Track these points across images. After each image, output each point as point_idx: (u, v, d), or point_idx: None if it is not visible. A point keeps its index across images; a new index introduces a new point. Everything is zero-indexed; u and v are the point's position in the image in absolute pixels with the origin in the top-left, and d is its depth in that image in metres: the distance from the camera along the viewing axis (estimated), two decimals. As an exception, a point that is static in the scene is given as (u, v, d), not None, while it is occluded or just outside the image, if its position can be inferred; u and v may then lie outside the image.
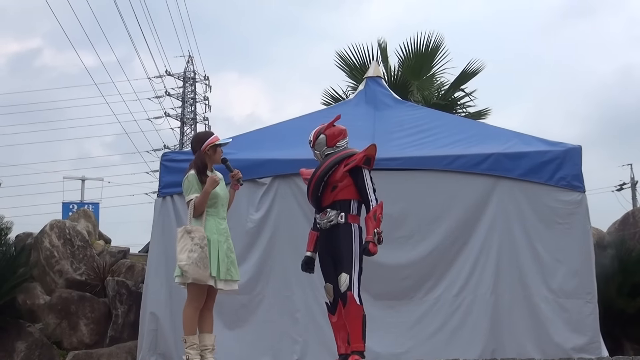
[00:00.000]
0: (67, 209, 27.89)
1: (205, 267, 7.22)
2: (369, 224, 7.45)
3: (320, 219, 7.63)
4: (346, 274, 7.41)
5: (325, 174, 7.60)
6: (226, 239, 7.53)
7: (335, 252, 7.52)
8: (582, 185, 9.56)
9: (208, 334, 7.48)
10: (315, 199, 7.67)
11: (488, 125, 12.29)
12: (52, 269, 11.62)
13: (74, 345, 11.10)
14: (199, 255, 7.19)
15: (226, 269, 7.40)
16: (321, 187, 7.62)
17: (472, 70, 16.91)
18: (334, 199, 7.59)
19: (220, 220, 7.54)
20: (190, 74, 51.65)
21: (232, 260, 7.52)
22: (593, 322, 9.29)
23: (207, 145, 7.58)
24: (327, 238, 7.60)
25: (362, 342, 7.36)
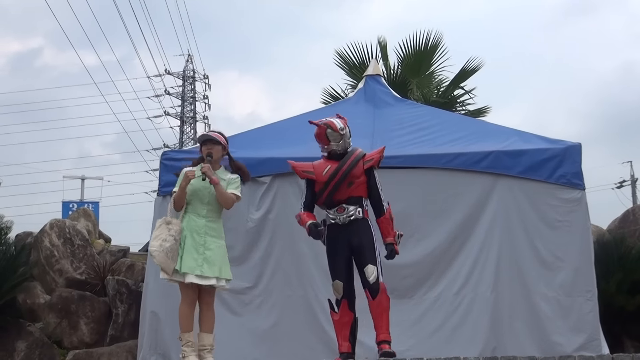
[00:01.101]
0: (67, 208, 27.90)
1: (173, 259, 7.34)
2: (387, 226, 7.75)
3: (336, 215, 7.69)
4: (373, 266, 7.55)
5: (349, 171, 7.71)
6: (201, 235, 7.49)
7: (356, 246, 7.62)
8: (582, 183, 9.56)
9: (206, 333, 7.49)
10: (331, 193, 7.71)
11: (488, 123, 12.29)
12: (52, 268, 11.63)
13: (74, 344, 11.11)
14: (170, 246, 7.32)
15: (196, 264, 7.36)
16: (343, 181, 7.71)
17: (472, 68, 16.91)
18: (350, 194, 7.70)
19: (195, 217, 7.56)
20: (189, 72, 51.65)
21: (205, 257, 7.42)
22: (593, 320, 9.29)
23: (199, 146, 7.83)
24: (344, 233, 7.66)
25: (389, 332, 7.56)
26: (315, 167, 7.91)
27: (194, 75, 51.86)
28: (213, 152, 7.68)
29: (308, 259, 9.49)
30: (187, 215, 7.59)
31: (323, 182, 7.75)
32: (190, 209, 7.59)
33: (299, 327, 9.42)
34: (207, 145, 7.70)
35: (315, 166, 7.93)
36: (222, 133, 7.98)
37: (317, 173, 7.84)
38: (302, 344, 9.29)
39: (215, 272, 7.42)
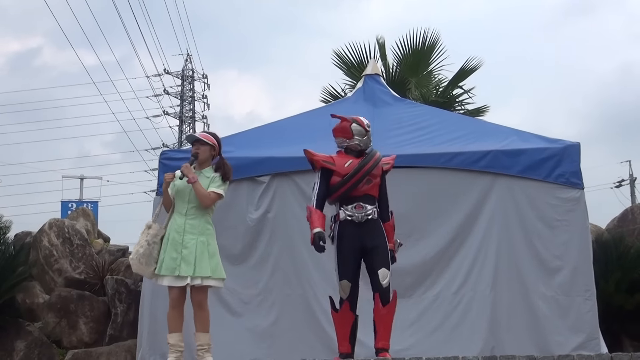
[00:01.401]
0: (66, 207, 27.96)
1: (147, 264, 7.46)
2: (390, 233, 7.80)
3: (354, 212, 7.63)
4: (387, 270, 7.54)
5: (372, 168, 7.71)
6: (180, 233, 7.49)
7: (370, 247, 7.59)
8: (580, 182, 9.57)
9: (201, 333, 7.48)
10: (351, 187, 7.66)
11: (486, 122, 12.30)
12: (51, 267, 11.62)
13: (73, 344, 11.09)
14: (144, 252, 7.43)
15: (175, 264, 7.37)
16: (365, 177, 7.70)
17: (471, 68, 16.91)
18: (366, 192, 7.68)
19: (177, 216, 7.59)
20: (188, 72, 51.63)
21: (183, 255, 7.39)
22: (592, 319, 9.30)
23: None
24: (358, 232, 7.61)
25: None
26: (335, 159, 7.82)
27: (193, 75, 51.85)
28: (200, 152, 7.70)
29: (307, 258, 9.49)
30: (172, 215, 7.65)
31: (343, 175, 7.67)
32: (175, 209, 7.64)
33: (298, 325, 9.43)
34: (195, 146, 7.74)
35: (335, 158, 7.84)
36: (214, 134, 8.00)
37: (337, 165, 7.74)
38: (301, 343, 9.29)
39: (189, 271, 7.35)
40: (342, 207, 7.70)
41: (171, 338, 7.48)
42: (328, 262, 9.47)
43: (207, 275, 7.41)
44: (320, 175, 7.83)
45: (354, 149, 7.83)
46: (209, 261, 7.44)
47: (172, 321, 7.52)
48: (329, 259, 9.54)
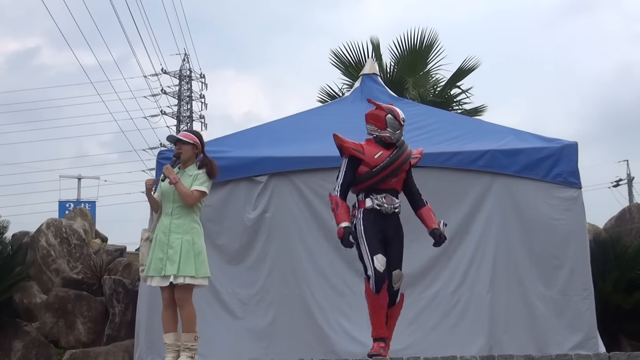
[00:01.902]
0: (64, 207, 27.91)
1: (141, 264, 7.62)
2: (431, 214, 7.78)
3: (383, 201, 7.50)
4: (400, 272, 7.47)
5: (404, 162, 7.64)
6: (166, 234, 7.47)
7: (391, 240, 7.50)
8: (578, 182, 9.59)
9: (184, 332, 7.46)
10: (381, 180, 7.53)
11: (484, 122, 12.31)
12: (49, 267, 11.61)
13: (71, 344, 11.09)
14: (140, 260, 7.68)
15: (162, 265, 7.36)
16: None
17: (469, 67, 16.91)
18: (393, 186, 7.59)
19: (163, 216, 7.60)
20: (186, 72, 51.61)
21: (168, 255, 7.37)
22: (590, 318, 9.32)
23: None
24: (383, 222, 7.49)
25: None
26: (365, 148, 7.62)
27: (191, 75, 51.82)
28: (182, 151, 7.67)
29: (304, 257, 9.50)
30: (160, 216, 7.67)
31: (373, 166, 7.51)
32: (162, 210, 7.64)
33: (295, 325, 9.41)
34: (177, 145, 7.72)
35: (365, 147, 7.64)
36: (196, 132, 8.01)
37: (367, 155, 7.54)
38: (299, 343, 9.28)
39: (173, 270, 7.32)
40: (370, 196, 7.52)
41: (167, 338, 7.48)
42: (325, 262, 9.50)
43: (192, 274, 7.37)
44: (347, 162, 7.63)
45: (384, 140, 7.68)
46: (194, 260, 7.41)
47: (166, 321, 7.52)
48: (325, 258, 9.58)
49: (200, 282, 7.48)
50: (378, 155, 7.55)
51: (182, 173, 7.59)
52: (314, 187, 9.64)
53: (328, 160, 9.54)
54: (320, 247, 9.54)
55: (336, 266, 9.53)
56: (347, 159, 7.61)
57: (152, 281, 7.45)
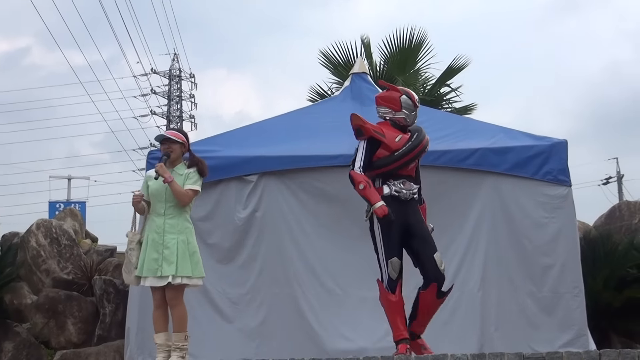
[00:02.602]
0: (54, 208, 27.87)
1: (128, 271, 7.51)
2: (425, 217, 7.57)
3: (401, 187, 7.33)
4: (439, 254, 7.31)
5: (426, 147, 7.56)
6: (159, 234, 7.43)
7: (415, 228, 7.33)
8: (568, 180, 9.61)
9: (174, 332, 7.45)
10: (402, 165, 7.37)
11: (474, 120, 12.31)
12: (39, 268, 11.59)
13: (61, 344, 11.06)
14: (126, 261, 7.54)
15: (157, 265, 7.33)
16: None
17: (459, 66, 16.92)
18: (409, 172, 7.44)
19: (155, 217, 7.54)
20: (175, 71, 51.55)
21: (164, 255, 7.34)
22: (580, 316, 9.34)
23: None
24: (402, 210, 7.29)
25: None
26: (385, 131, 7.41)
27: (180, 74, 51.75)
28: (172, 150, 7.65)
29: (294, 256, 9.49)
30: (149, 216, 7.61)
31: (393, 149, 7.32)
32: (152, 210, 7.59)
33: (286, 325, 9.41)
34: (165, 145, 7.68)
35: (385, 130, 7.43)
36: (182, 131, 8.06)
37: (388, 137, 7.36)
38: (290, 342, 9.27)
39: (171, 270, 7.30)
40: (387, 182, 7.35)
41: (158, 338, 7.46)
42: (316, 261, 9.50)
43: (188, 274, 7.36)
44: (366, 144, 7.41)
45: (399, 122, 7.52)
46: (189, 260, 7.40)
47: (157, 321, 7.50)
48: (316, 258, 9.58)
49: (195, 282, 7.50)
50: (398, 138, 7.39)
51: (171, 172, 7.55)
52: (304, 186, 9.65)
53: (318, 159, 9.58)
54: (311, 246, 9.54)
55: (327, 265, 9.54)
56: (366, 141, 7.41)
57: (146, 281, 7.40)
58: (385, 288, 7.30)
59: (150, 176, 7.65)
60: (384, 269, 7.28)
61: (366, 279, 9.10)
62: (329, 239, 9.60)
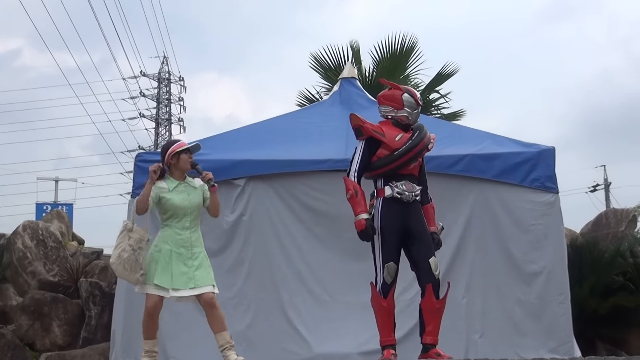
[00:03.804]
0: (41, 209, 27.82)
1: (132, 270, 7.29)
2: (432, 215, 7.47)
3: (405, 189, 7.19)
4: (436, 258, 7.19)
5: (427, 145, 7.41)
6: (187, 248, 7.39)
7: (415, 231, 7.20)
8: (555, 187, 9.61)
9: (218, 333, 7.42)
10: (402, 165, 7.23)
11: (462, 127, 12.32)
12: (25, 270, 11.55)
13: (46, 346, 11.03)
14: (128, 257, 7.26)
15: (188, 278, 7.30)
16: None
17: (448, 72, 17.01)
18: (411, 171, 7.30)
19: (179, 230, 7.41)
20: (165, 74, 51.55)
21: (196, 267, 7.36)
22: (566, 323, 9.34)
23: (169, 156, 7.54)
24: (402, 212, 7.18)
25: None
26: (384, 130, 7.30)
27: (170, 77, 51.77)
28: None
29: (281, 261, 9.50)
30: (168, 228, 7.46)
31: (393, 149, 7.21)
32: (172, 223, 7.45)
33: (273, 329, 9.41)
34: (188, 154, 7.57)
35: (385, 129, 7.32)
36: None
37: (388, 137, 7.25)
38: (276, 346, 9.28)
39: (210, 279, 7.39)
40: (389, 184, 7.22)
41: (147, 345, 7.42)
42: (303, 266, 9.50)
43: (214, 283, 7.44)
44: (364, 144, 7.32)
45: (401, 121, 7.42)
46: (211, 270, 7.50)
47: (151, 329, 7.43)
48: (303, 262, 9.58)
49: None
50: (399, 137, 7.28)
51: (185, 185, 7.54)
52: (292, 190, 9.64)
53: (306, 164, 9.58)
54: (298, 250, 9.54)
55: (314, 270, 9.53)
56: (365, 141, 7.32)
57: (178, 292, 7.30)
58: (378, 291, 7.23)
59: (162, 187, 7.47)
60: (379, 273, 7.20)
61: (353, 284, 9.13)
62: (316, 243, 9.60)
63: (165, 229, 7.47)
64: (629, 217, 12.97)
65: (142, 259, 7.32)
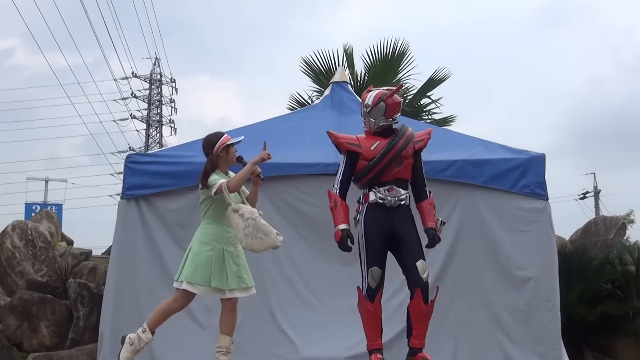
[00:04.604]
0: (30, 209, 27.71)
1: (267, 234, 7.15)
2: (430, 211, 7.35)
3: (386, 194, 7.18)
4: (424, 262, 7.13)
5: (402, 150, 7.27)
6: (235, 245, 7.38)
7: (401, 235, 7.17)
8: (545, 193, 9.62)
9: (223, 335, 7.39)
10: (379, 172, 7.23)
11: (453, 132, 12.33)
12: (13, 270, 11.53)
13: (34, 347, 11.01)
14: (254, 229, 7.10)
15: (239, 278, 7.31)
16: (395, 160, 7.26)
17: (439, 78, 17.06)
18: (397, 176, 7.26)
19: (227, 227, 7.37)
20: (156, 76, 51.57)
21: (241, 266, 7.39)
22: (554, 330, 9.34)
23: (219, 147, 7.52)
24: (388, 217, 7.18)
25: None
26: (360, 141, 7.37)
27: (161, 79, 51.82)
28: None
29: (270, 264, 9.47)
30: (217, 225, 7.42)
31: (370, 159, 7.24)
32: (221, 219, 7.40)
33: (261, 332, 9.39)
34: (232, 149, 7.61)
35: (361, 139, 7.39)
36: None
37: (363, 147, 7.30)
38: (263, 349, 9.28)
39: (252, 280, 7.45)
40: (372, 189, 7.25)
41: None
42: (291, 269, 9.49)
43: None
44: (345, 158, 7.40)
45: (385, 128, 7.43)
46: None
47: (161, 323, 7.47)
48: (292, 266, 9.57)
49: None
50: (374, 146, 7.30)
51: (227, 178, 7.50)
52: (282, 193, 9.64)
53: (296, 167, 9.58)
54: (287, 254, 9.52)
55: (303, 273, 9.53)
56: (346, 155, 7.39)
57: (233, 293, 7.31)
58: (364, 296, 7.22)
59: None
60: (364, 277, 7.20)
61: (341, 288, 9.13)
62: (305, 247, 9.60)
63: (213, 226, 7.43)
64: (618, 224, 13.03)
65: (266, 223, 7.19)
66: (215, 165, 7.50)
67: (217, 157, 7.53)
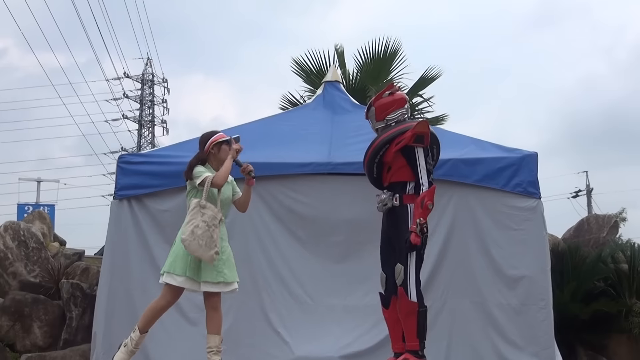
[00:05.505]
0: (23, 210, 27.71)
1: (208, 246, 7.08)
2: (414, 212, 7.16)
3: (376, 200, 7.31)
4: (401, 265, 7.08)
5: (376, 155, 7.28)
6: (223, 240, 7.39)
7: (392, 238, 7.24)
8: (537, 192, 9.62)
9: (212, 335, 7.40)
10: (372, 180, 7.35)
11: (445, 131, 12.30)
12: (6, 270, 11.51)
13: (27, 348, 10.98)
14: (203, 233, 7.08)
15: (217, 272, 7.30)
16: (375, 169, 7.32)
17: (431, 76, 17.05)
18: (390, 180, 7.31)
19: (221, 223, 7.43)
20: (148, 76, 51.53)
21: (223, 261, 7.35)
22: (547, 328, 9.33)
23: (211, 144, 7.54)
24: (386, 221, 7.33)
25: (417, 340, 7.17)
26: None
27: (153, 79, 51.78)
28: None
29: (263, 263, 9.47)
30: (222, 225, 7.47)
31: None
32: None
33: (254, 331, 9.38)
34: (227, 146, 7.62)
35: None
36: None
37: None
38: (257, 348, 9.27)
39: (235, 276, 7.44)
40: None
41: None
42: (285, 268, 9.50)
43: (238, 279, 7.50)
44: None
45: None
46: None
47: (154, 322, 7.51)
48: (285, 266, 9.57)
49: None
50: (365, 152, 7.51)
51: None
52: (274, 193, 9.62)
53: (289, 167, 9.56)
54: (280, 253, 9.52)
55: (296, 273, 9.52)
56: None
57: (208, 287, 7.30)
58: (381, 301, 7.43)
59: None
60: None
61: (335, 288, 9.14)
62: (298, 246, 9.59)
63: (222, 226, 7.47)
64: (610, 222, 13.05)
65: (216, 237, 7.16)
66: (204, 160, 7.53)
67: (208, 153, 7.55)
